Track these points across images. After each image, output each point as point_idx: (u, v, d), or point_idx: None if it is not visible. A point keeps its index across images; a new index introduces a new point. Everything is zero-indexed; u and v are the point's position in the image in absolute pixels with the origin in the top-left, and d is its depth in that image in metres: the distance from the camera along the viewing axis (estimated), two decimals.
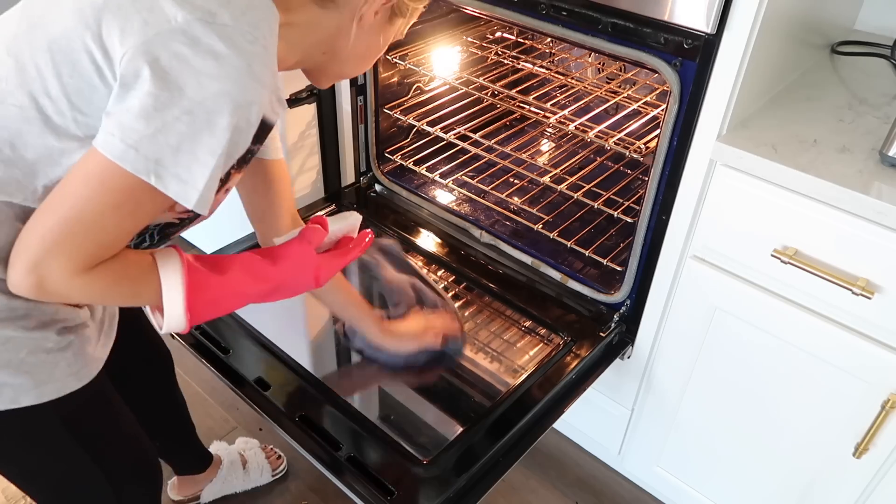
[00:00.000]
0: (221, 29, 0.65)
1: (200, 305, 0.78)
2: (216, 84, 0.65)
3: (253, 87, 0.68)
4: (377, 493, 0.98)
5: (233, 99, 0.66)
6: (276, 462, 1.57)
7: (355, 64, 0.88)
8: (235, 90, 0.66)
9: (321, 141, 1.61)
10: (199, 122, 0.66)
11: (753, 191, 1.02)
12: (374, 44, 0.85)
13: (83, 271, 0.69)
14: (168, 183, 0.67)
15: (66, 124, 0.70)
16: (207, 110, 0.66)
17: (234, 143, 0.69)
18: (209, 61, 0.65)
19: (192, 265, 0.78)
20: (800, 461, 1.17)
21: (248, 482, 1.52)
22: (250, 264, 0.83)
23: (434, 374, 1.21)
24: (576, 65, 1.83)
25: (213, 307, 0.81)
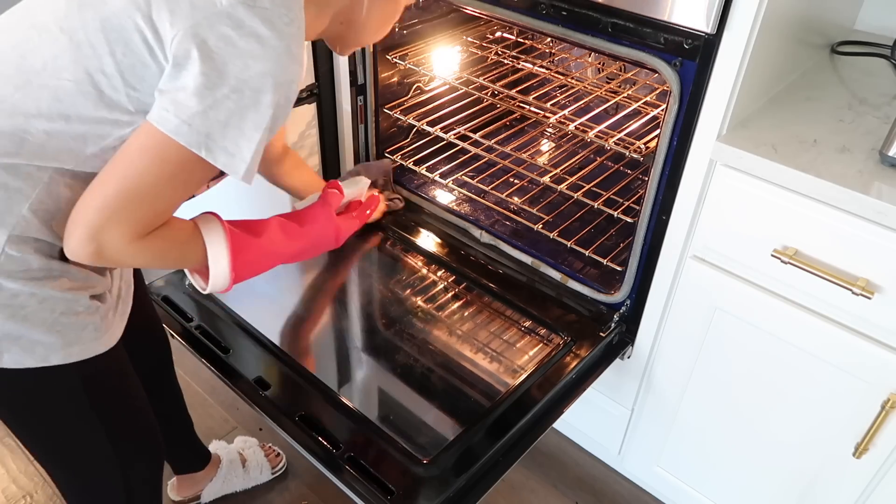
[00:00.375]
0: (262, 12, 0.70)
1: (242, 265, 0.88)
2: (260, 64, 0.71)
3: (292, 66, 0.73)
4: (377, 492, 0.98)
5: (275, 78, 0.72)
6: (275, 460, 1.57)
7: (373, 31, 0.92)
8: (277, 70, 0.72)
9: (321, 141, 1.61)
10: (245, 99, 0.71)
11: (753, 191, 1.02)
12: (390, 10, 0.90)
13: (139, 238, 0.76)
14: (217, 155, 0.73)
15: (120, 99, 0.75)
16: (253, 88, 0.71)
17: (276, 118, 0.75)
18: (253, 43, 0.70)
19: (232, 229, 0.87)
20: (800, 461, 1.17)
21: (248, 481, 1.52)
22: (283, 227, 0.94)
23: (431, 372, 1.21)
24: (576, 65, 1.83)
25: (253, 266, 0.90)
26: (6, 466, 1.59)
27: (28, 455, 1.61)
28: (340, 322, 1.32)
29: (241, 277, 0.89)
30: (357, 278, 1.44)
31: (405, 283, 1.41)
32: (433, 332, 1.29)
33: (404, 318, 1.32)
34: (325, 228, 0.98)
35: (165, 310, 1.26)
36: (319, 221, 0.98)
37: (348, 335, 1.29)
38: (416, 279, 1.42)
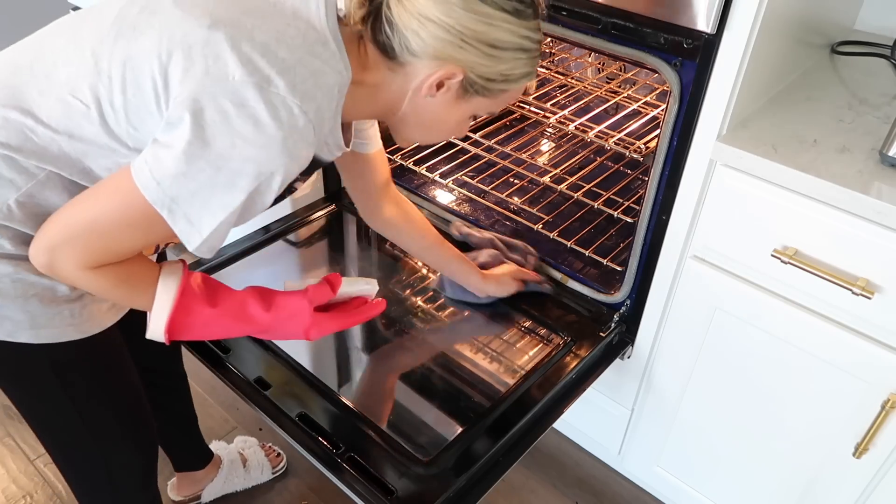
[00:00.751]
0: (271, 97, 0.70)
1: (183, 327, 0.83)
2: (248, 149, 0.70)
3: (281, 159, 0.72)
4: (377, 492, 0.98)
5: (259, 166, 0.71)
6: (275, 460, 1.57)
7: (425, 132, 0.89)
8: (264, 159, 0.71)
9: None
10: (221, 177, 0.71)
11: (753, 191, 1.02)
12: (444, 117, 0.85)
13: (89, 268, 0.76)
14: (177, 220, 0.73)
15: (121, 133, 0.76)
16: (232, 170, 0.71)
17: (250, 202, 0.74)
18: (248, 126, 0.69)
19: (188, 288, 0.83)
20: (800, 461, 1.17)
21: (248, 480, 1.52)
22: (243, 304, 0.87)
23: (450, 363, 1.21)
24: (576, 65, 1.83)
25: (194, 331, 0.85)
26: (6, 466, 1.59)
27: (28, 455, 1.61)
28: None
29: (179, 337, 0.85)
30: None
31: (405, 283, 1.41)
32: (433, 332, 1.30)
33: (404, 318, 1.32)
34: (293, 321, 0.89)
35: None
36: (287, 311, 0.89)
37: (348, 335, 1.29)
38: (417, 279, 1.42)
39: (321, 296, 0.91)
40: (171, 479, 1.48)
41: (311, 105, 0.72)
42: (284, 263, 1.46)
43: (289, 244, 1.49)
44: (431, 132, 0.90)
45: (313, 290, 0.90)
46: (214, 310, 0.85)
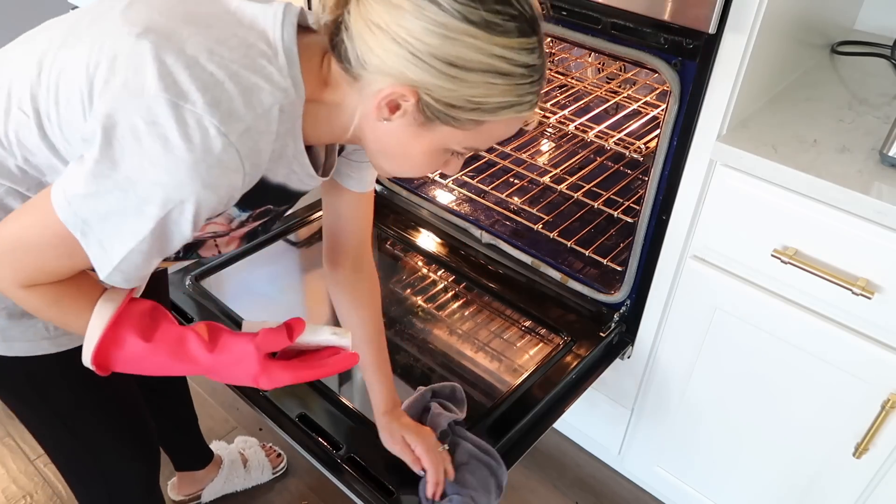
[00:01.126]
0: (185, 115, 0.62)
1: (112, 359, 0.76)
2: (154, 172, 0.63)
3: (192, 186, 0.63)
4: (377, 493, 0.98)
5: (165, 192, 0.63)
6: (276, 460, 1.57)
7: (390, 162, 0.76)
8: (171, 184, 0.63)
9: None
10: (128, 202, 0.64)
11: (753, 191, 1.02)
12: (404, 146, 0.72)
13: (22, 286, 0.71)
14: (90, 244, 0.67)
15: (59, 147, 0.72)
16: (138, 195, 0.64)
17: (164, 232, 0.66)
18: (158, 146, 0.62)
19: (122, 318, 0.75)
20: (800, 461, 1.17)
21: (249, 480, 1.52)
22: (183, 342, 0.77)
23: None
24: (576, 65, 1.83)
25: (126, 365, 0.77)
26: (6, 466, 1.59)
27: (28, 455, 1.61)
28: (340, 322, 1.32)
29: (109, 369, 0.76)
30: None
31: (405, 282, 1.41)
32: (433, 331, 1.30)
33: (404, 318, 1.32)
34: (238, 367, 0.78)
35: None
36: (232, 356, 0.78)
37: None
38: (417, 279, 1.42)
39: (273, 342, 0.78)
40: (172, 478, 1.48)
41: (236, 126, 0.63)
42: (284, 263, 1.46)
43: (289, 244, 1.49)
44: (399, 163, 0.76)
45: (264, 335, 0.78)
46: (148, 344, 0.75)
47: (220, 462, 1.49)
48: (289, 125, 0.69)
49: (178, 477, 1.48)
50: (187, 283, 1.31)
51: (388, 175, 0.82)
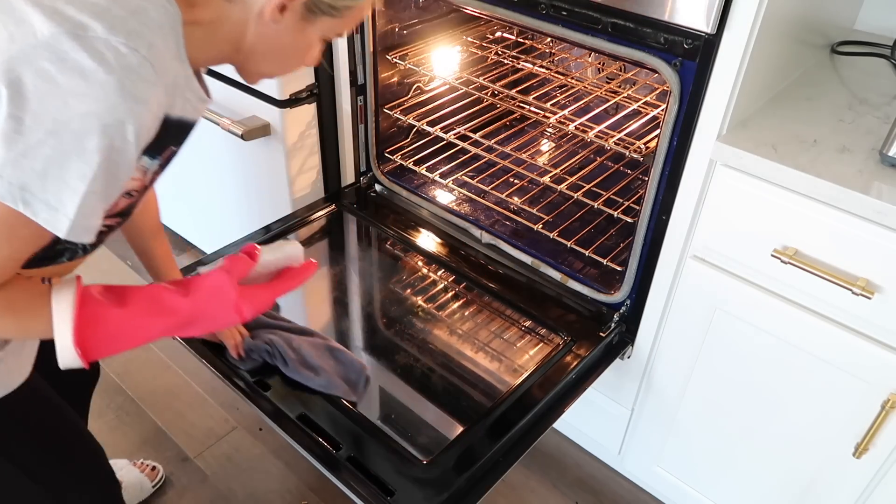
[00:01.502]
0: (91, 42, 0.61)
1: (95, 341, 0.73)
2: (82, 104, 0.61)
3: (125, 105, 0.62)
4: (377, 493, 0.98)
5: (100, 119, 0.62)
6: (151, 474, 1.53)
7: (275, 63, 0.81)
8: (103, 109, 0.61)
9: (321, 141, 1.61)
10: (65, 144, 0.61)
11: (753, 191, 1.02)
12: (292, 43, 0.77)
13: None
14: (37, 210, 0.63)
15: None
16: (74, 132, 0.61)
17: (112, 164, 0.64)
18: (76, 79, 0.60)
19: (87, 296, 0.73)
20: (800, 461, 1.17)
21: (131, 501, 1.47)
22: (156, 296, 0.76)
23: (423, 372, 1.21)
24: (576, 65, 1.83)
25: (110, 342, 0.74)
26: None
27: None
28: (341, 322, 1.32)
29: (94, 354, 0.73)
30: (357, 278, 1.44)
31: (405, 282, 1.41)
32: (433, 331, 1.30)
33: (404, 318, 1.32)
34: (218, 299, 0.78)
35: None
36: (207, 290, 0.78)
37: (349, 335, 1.29)
38: (416, 279, 1.42)
39: (240, 266, 0.80)
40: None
41: (141, 42, 0.63)
42: None
43: None
44: (283, 62, 0.81)
45: (230, 261, 0.80)
46: (124, 310, 0.74)
47: None
48: (175, 49, 0.69)
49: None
50: None
51: (264, 78, 0.84)
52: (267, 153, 1.59)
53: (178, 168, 2.08)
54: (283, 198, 1.64)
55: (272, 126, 1.53)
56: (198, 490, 1.54)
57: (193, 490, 1.54)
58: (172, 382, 1.78)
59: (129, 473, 1.51)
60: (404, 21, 1.60)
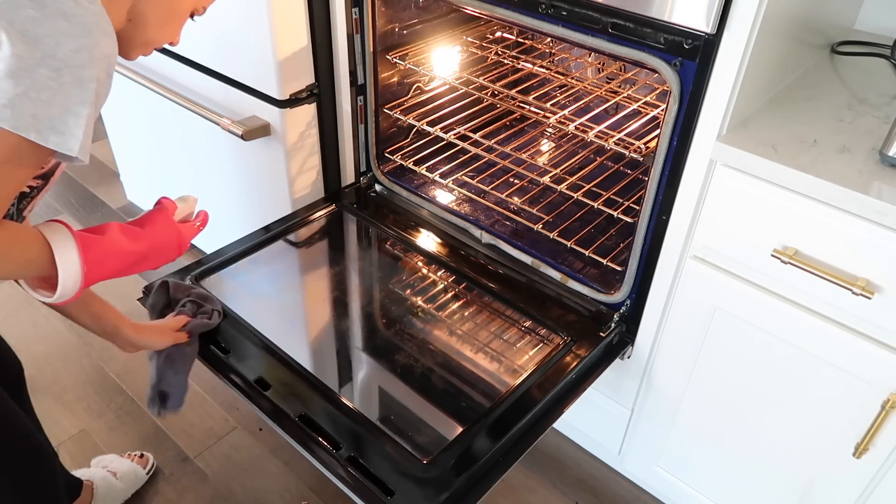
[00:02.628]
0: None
1: (91, 264, 0.84)
2: (72, 41, 0.70)
3: (105, 41, 0.74)
4: (377, 492, 0.98)
5: (90, 52, 0.72)
6: (141, 461, 1.55)
7: (159, 28, 0.88)
8: (91, 44, 0.72)
9: (321, 141, 1.61)
10: (65, 77, 0.70)
11: (753, 191, 1.02)
12: (177, 9, 0.87)
13: None
14: (47, 136, 0.71)
15: None
16: (71, 66, 0.71)
17: (99, 93, 0.74)
18: (60, 21, 0.70)
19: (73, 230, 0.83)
20: (800, 461, 1.17)
21: (128, 490, 1.50)
22: (123, 229, 0.90)
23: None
24: (576, 65, 1.83)
25: (99, 267, 0.85)
26: None
27: None
28: (341, 322, 1.32)
29: (91, 278, 0.85)
30: (357, 278, 1.44)
31: (405, 283, 1.41)
32: (433, 332, 1.30)
33: (404, 318, 1.32)
34: (166, 230, 0.96)
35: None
36: (158, 223, 0.95)
37: (349, 335, 1.29)
38: (416, 279, 1.42)
39: (171, 205, 1.00)
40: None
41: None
42: (284, 263, 1.46)
43: (289, 244, 1.49)
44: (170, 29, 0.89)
45: (164, 202, 0.99)
46: (105, 237, 0.86)
47: (91, 486, 1.44)
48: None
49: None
50: (187, 284, 1.31)
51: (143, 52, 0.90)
52: (267, 153, 1.59)
53: (179, 168, 2.09)
54: (283, 198, 1.64)
55: (272, 126, 1.53)
56: (198, 490, 1.54)
57: (193, 490, 1.54)
58: None
59: (121, 464, 1.52)
60: (404, 21, 1.60)
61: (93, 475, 1.47)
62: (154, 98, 1.76)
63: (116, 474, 1.49)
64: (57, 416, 1.68)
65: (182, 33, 0.91)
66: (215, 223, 1.15)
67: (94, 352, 1.85)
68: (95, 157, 2.63)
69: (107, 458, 1.55)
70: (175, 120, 1.79)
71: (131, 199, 2.38)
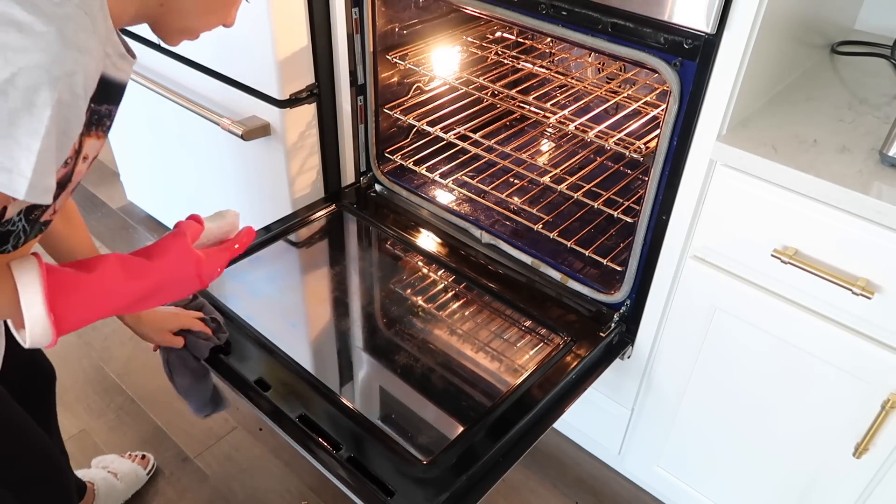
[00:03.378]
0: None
1: (67, 309, 0.72)
2: (24, 57, 0.58)
3: (68, 55, 0.60)
4: (377, 492, 0.98)
5: (47, 71, 0.59)
6: (142, 462, 1.55)
7: (199, 17, 0.78)
8: (48, 61, 0.59)
9: (321, 141, 1.61)
10: (12, 101, 0.59)
11: (753, 191, 1.02)
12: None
13: None
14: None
15: None
16: (19, 88, 0.59)
17: (63, 119, 0.62)
18: (12, 33, 0.58)
19: (52, 266, 0.73)
20: (800, 461, 1.17)
21: (129, 490, 1.50)
22: (125, 262, 0.77)
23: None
24: (576, 65, 1.83)
25: (84, 310, 0.74)
26: None
27: None
28: (341, 322, 1.32)
29: (66, 324, 0.73)
30: (357, 278, 1.44)
31: (405, 283, 1.41)
32: (433, 331, 1.30)
33: (404, 318, 1.32)
34: (181, 261, 0.80)
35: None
36: (172, 253, 0.80)
37: (349, 335, 1.29)
38: (417, 279, 1.42)
39: (192, 229, 0.83)
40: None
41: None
42: (284, 263, 1.46)
43: (289, 244, 1.49)
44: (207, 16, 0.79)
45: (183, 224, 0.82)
46: (93, 274, 0.73)
47: (93, 489, 1.44)
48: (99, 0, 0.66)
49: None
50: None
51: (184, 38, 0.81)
52: (267, 153, 1.59)
53: (179, 168, 2.09)
54: (283, 198, 1.64)
55: (272, 126, 1.53)
56: (198, 490, 1.54)
57: (193, 490, 1.54)
58: None
59: (121, 465, 1.52)
60: (404, 21, 1.60)
61: (93, 476, 1.48)
62: (154, 98, 1.76)
63: (117, 475, 1.50)
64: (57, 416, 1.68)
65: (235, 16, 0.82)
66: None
67: (93, 352, 1.85)
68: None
69: (107, 458, 1.55)
70: (175, 120, 1.79)
71: (131, 199, 2.38)
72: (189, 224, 0.84)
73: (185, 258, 0.81)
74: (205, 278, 0.82)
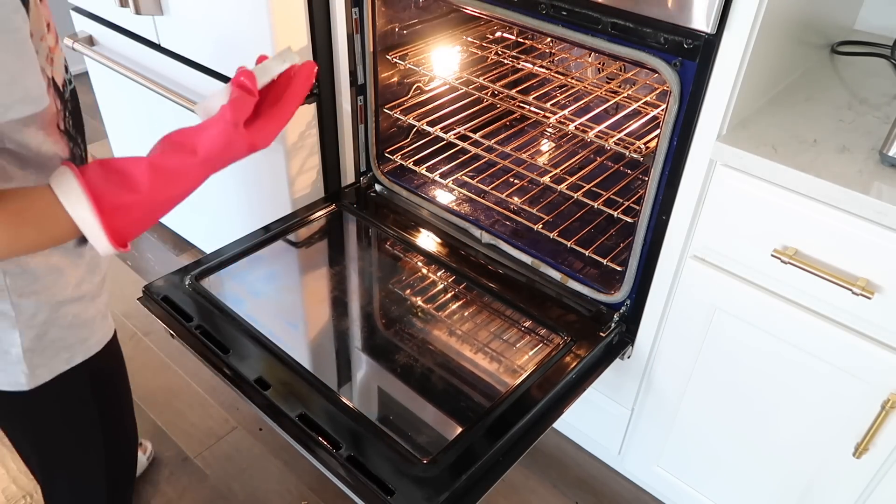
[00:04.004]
0: None
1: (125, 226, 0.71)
2: None
3: None
4: (377, 492, 0.98)
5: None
6: (140, 448, 1.57)
7: None
8: None
9: (321, 141, 1.61)
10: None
11: (753, 191, 1.02)
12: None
13: None
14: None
15: None
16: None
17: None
18: None
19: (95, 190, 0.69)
20: (799, 461, 1.17)
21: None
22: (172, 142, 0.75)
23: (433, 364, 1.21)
24: (576, 65, 1.83)
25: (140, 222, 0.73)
26: (6, 466, 1.59)
27: None
28: (340, 322, 1.32)
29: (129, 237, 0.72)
30: (357, 278, 1.44)
31: (405, 282, 1.41)
32: (433, 332, 1.30)
33: (404, 318, 1.32)
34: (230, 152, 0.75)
35: (166, 310, 1.26)
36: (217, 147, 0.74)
37: (348, 335, 1.29)
38: (416, 279, 1.42)
39: (244, 108, 0.75)
40: None
41: None
42: (284, 263, 1.46)
43: (289, 244, 1.49)
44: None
45: (232, 108, 0.74)
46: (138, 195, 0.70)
47: None
48: None
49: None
50: (187, 283, 1.31)
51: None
52: (267, 153, 1.59)
53: None
54: (283, 198, 1.64)
55: None
56: (198, 490, 1.54)
57: (193, 490, 1.54)
58: (172, 382, 1.78)
59: None
60: (404, 21, 1.60)
61: None
62: (154, 98, 1.76)
63: None
64: None
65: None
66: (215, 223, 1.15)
67: None
68: (95, 156, 2.63)
69: None
70: (175, 120, 1.79)
71: None
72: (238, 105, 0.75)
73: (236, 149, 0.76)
74: (253, 146, 0.77)
